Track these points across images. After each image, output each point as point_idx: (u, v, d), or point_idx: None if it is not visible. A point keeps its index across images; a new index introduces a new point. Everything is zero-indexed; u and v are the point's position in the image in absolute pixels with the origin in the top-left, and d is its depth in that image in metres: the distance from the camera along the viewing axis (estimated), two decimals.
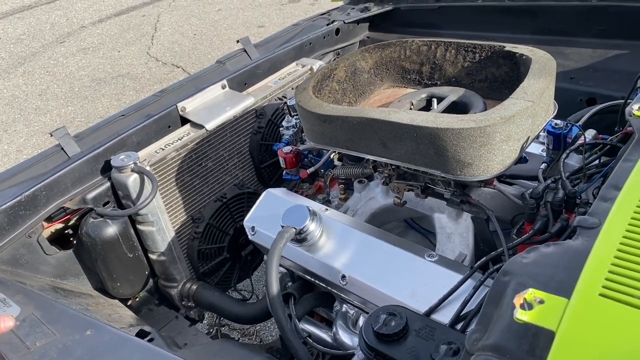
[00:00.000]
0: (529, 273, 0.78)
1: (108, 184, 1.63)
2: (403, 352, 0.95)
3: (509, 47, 1.42)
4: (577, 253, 0.79)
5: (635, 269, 0.71)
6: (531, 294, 0.72)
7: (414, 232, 1.66)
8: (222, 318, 2.15)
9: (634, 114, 1.09)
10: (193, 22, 6.87)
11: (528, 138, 1.20)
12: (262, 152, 1.98)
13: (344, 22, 2.37)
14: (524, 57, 1.36)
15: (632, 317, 0.66)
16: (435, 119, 1.15)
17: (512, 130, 1.13)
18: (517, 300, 0.72)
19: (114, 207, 1.65)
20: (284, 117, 1.86)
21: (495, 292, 0.78)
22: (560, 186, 1.18)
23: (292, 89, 2.01)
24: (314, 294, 1.47)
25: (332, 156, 1.77)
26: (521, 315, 0.70)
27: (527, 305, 0.71)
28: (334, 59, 2.34)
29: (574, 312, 0.68)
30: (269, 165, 2.02)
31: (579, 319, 0.67)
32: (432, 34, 2.32)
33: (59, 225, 1.60)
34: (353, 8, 2.49)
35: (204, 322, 2.38)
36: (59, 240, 1.62)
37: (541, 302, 0.71)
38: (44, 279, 1.55)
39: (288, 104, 1.85)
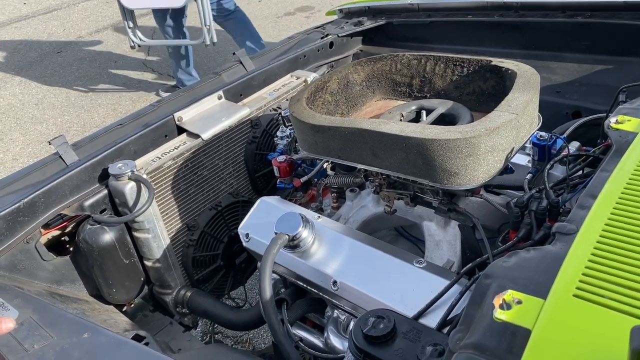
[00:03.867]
0: (509, 276, 0.82)
1: (105, 191, 1.66)
2: (391, 353, 0.98)
3: (495, 61, 1.47)
4: (554, 257, 0.83)
5: (606, 272, 0.76)
6: (510, 294, 0.76)
7: (405, 240, 1.70)
8: (215, 325, 2.18)
9: (611, 127, 1.14)
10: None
11: (513, 149, 1.25)
12: (256, 162, 2.02)
13: (338, 36, 2.43)
14: (509, 71, 1.41)
15: (602, 317, 0.70)
16: (423, 130, 1.20)
17: (496, 141, 1.18)
18: (497, 301, 0.76)
19: (110, 214, 1.68)
20: (279, 128, 1.90)
21: (477, 294, 0.82)
22: (544, 196, 1.23)
23: (287, 100, 2.05)
24: (306, 299, 1.50)
25: (325, 165, 1.81)
26: (500, 314, 0.74)
27: (506, 306, 0.75)
28: (328, 71, 2.39)
29: (549, 312, 0.72)
30: (263, 174, 2.06)
31: (554, 318, 0.71)
32: (423, 48, 2.38)
33: (56, 232, 1.63)
34: (347, 22, 2.55)
35: (198, 329, 2.40)
36: (56, 246, 1.64)
37: (519, 302, 0.75)
38: (41, 284, 1.57)
39: (282, 114, 1.90)
